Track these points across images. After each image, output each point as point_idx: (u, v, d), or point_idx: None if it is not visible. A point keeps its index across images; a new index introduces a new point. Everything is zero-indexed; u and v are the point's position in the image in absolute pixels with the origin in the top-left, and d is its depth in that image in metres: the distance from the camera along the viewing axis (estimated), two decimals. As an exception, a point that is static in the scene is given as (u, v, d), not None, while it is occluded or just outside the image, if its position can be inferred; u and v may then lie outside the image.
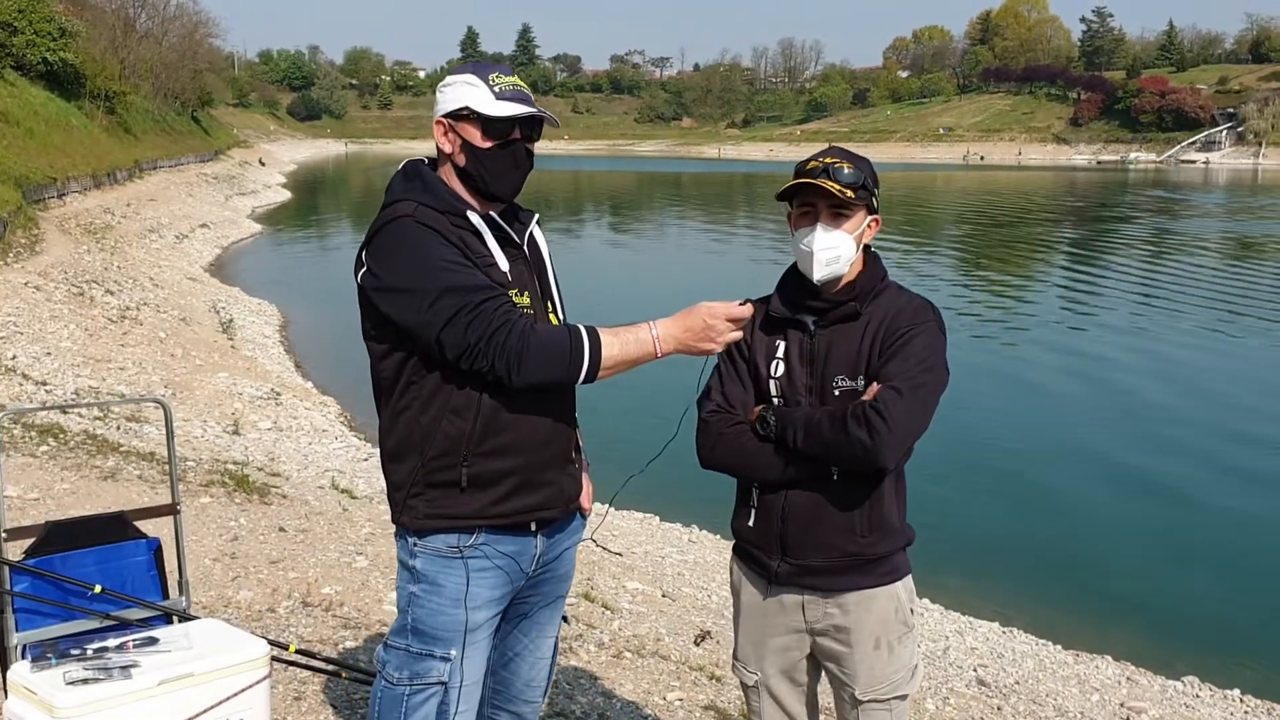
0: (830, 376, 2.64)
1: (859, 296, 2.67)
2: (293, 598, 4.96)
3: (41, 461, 7.31)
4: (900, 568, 2.75)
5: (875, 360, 2.61)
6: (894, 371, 2.56)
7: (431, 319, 2.38)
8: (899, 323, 2.62)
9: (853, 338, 2.64)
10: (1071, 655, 6.90)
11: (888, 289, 2.70)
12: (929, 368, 2.58)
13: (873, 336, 2.63)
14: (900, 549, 2.75)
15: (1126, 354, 16.57)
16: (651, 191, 64.47)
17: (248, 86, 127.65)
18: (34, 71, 32.91)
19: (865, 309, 2.66)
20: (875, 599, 2.70)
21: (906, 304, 2.67)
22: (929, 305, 2.69)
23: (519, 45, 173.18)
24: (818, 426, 2.56)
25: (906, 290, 2.73)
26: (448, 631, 2.54)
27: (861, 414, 2.51)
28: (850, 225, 2.64)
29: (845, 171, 2.60)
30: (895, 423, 2.49)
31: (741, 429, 2.69)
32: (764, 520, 2.72)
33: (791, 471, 2.63)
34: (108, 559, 2.94)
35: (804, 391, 2.66)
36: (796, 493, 2.66)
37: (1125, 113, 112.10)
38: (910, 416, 2.53)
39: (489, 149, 2.52)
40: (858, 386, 2.61)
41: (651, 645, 5.37)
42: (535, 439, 2.53)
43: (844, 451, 2.54)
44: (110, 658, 2.51)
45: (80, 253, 19.11)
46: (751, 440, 2.67)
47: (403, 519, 2.56)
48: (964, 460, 11.20)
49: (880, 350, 2.61)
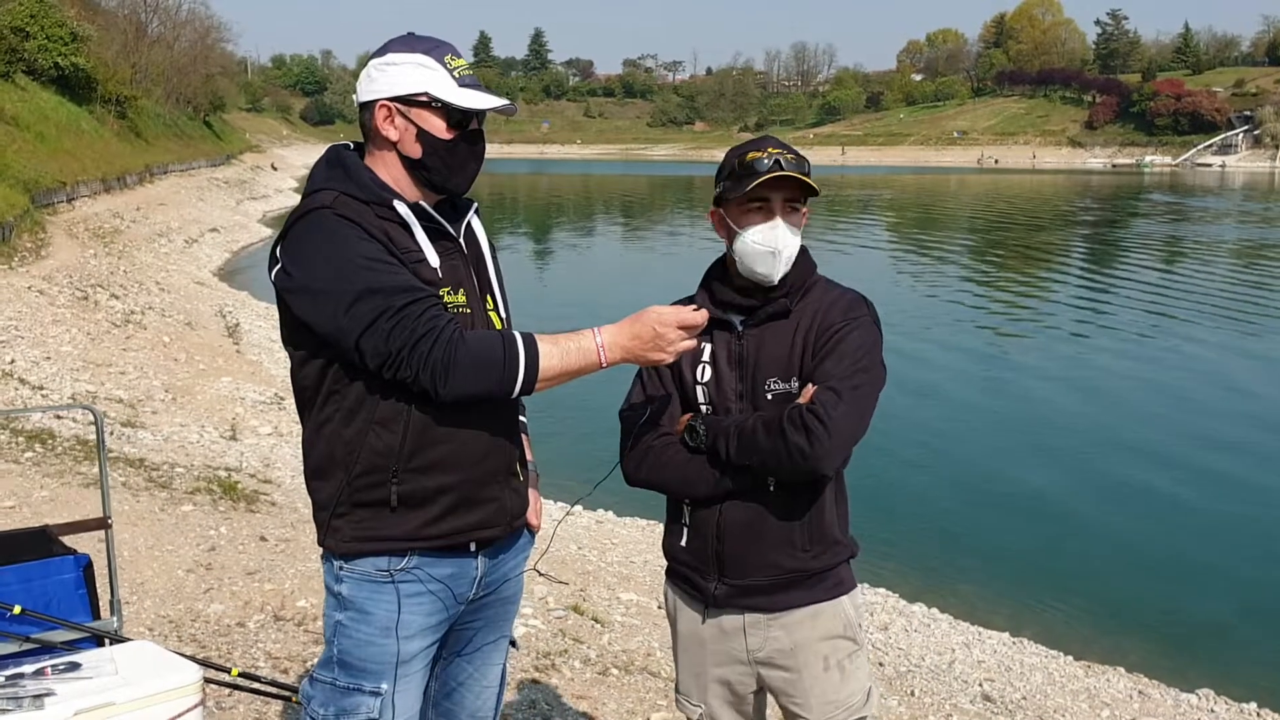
0: (761, 379, 2.45)
1: (789, 293, 2.48)
2: (265, 611, 4.78)
3: (25, 468, 7.16)
4: (845, 581, 2.56)
5: (808, 360, 2.41)
6: (830, 371, 2.37)
7: (348, 325, 2.17)
8: (831, 318, 2.43)
9: (783, 337, 2.45)
10: (1082, 667, 6.68)
11: (817, 284, 2.52)
12: (865, 367, 2.39)
13: (804, 335, 2.44)
14: (844, 561, 2.56)
15: (1141, 362, 16.29)
16: (663, 195, 64.32)
17: (260, 91, 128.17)
18: (45, 76, 32.94)
19: (795, 305, 2.47)
20: (820, 615, 2.51)
21: (838, 299, 2.48)
22: (862, 300, 2.50)
23: (531, 49, 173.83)
24: (752, 435, 2.37)
25: (837, 285, 2.54)
26: (377, 663, 2.32)
27: (799, 419, 2.32)
28: (802, 220, 2.48)
29: (805, 165, 2.43)
30: (835, 427, 2.30)
31: (669, 441, 2.50)
32: (698, 539, 2.52)
33: (725, 484, 2.44)
34: (30, 576, 2.74)
35: (734, 397, 2.47)
36: (731, 507, 2.46)
37: (1140, 116, 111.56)
38: (850, 419, 2.33)
39: (451, 140, 2.33)
40: (792, 389, 2.42)
41: (641, 661, 5.16)
42: (473, 453, 2.32)
43: (782, 460, 2.34)
44: (24, 685, 2.32)
45: (86, 257, 19.03)
46: (680, 453, 2.47)
47: (328, 542, 2.34)
48: (976, 469, 11.03)
49: (814, 349, 2.41)
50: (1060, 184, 74.11)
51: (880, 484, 9.76)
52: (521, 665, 4.66)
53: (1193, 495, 10.29)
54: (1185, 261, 29.88)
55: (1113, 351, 17.12)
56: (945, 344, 17.40)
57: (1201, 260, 29.80)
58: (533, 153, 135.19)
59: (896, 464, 10.52)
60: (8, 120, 25.46)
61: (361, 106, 2.37)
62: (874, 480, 9.57)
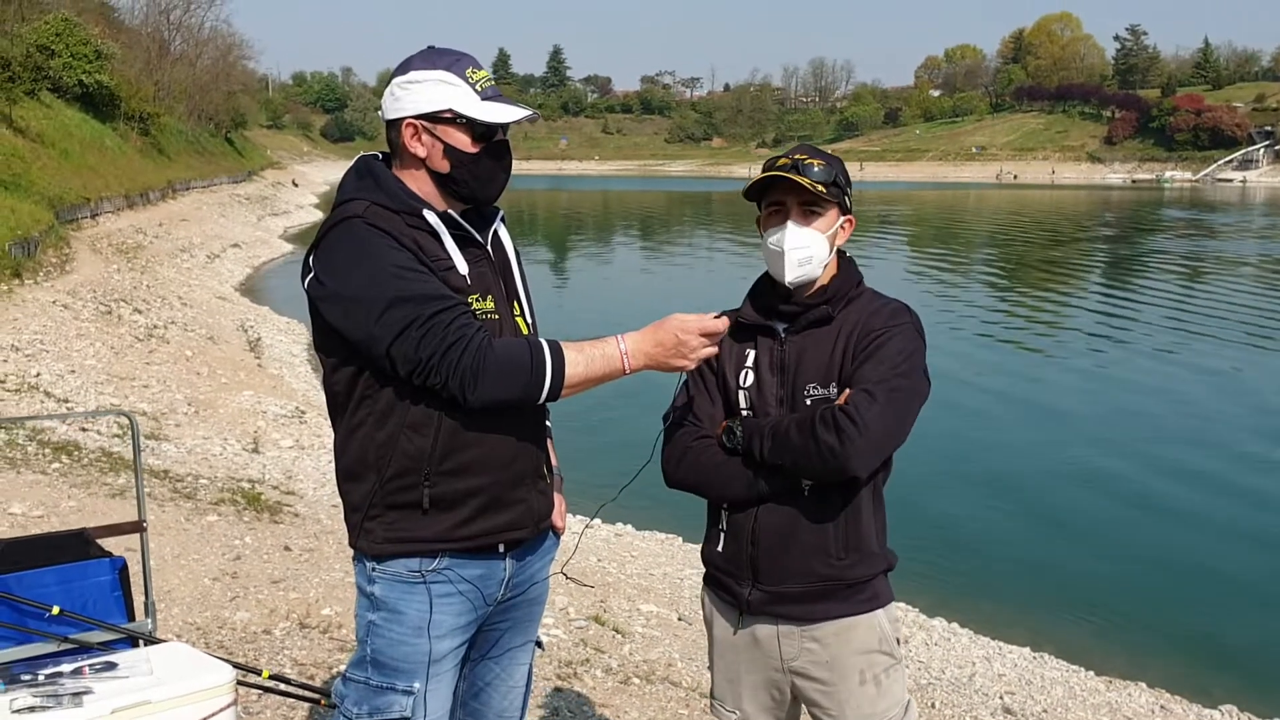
0: (801, 385, 2.47)
1: (831, 300, 2.51)
2: (291, 619, 4.82)
3: (52, 479, 7.24)
4: (882, 594, 2.57)
5: (848, 366, 2.44)
6: (867, 375, 2.39)
7: (380, 332, 2.21)
8: (873, 325, 2.45)
9: (825, 344, 2.48)
10: (1104, 682, 6.65)
11: (862, 294, 2.55)
12: (904, 372, 2.41)
13: (845, 341, 2.46)
14: (880, 573, 2.57)
15: (1163, 378, 16.19)
16: (682, 211, 64.42)
17: (281, 108, 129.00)
18: (70, 93, 33.33)
19: (838, 314, 2.50)
20: (855, 628, 2.51)
21: (882, 307, 2.51)
22: (906, 308, 2.52)
23: (550, 67, 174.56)
24: (785, 433, 2.40)
25: (882, 295, 2.56)
26: (409, 663, 2.36)
27: (830, 418, 2.34)
28: (822, 224, 2.49)
29: (816, 168, 2.46)
30: (866, 427, 2.32)
31: (708, 443, 2.53)
32: (733, 543, 2.54)
33: (760, 486, 2.46)
34: (69, 579, 2.80)
35: (774, 402, 2.50)
36: (766, 511, 2.48)
37: (1160, 131, 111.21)
38: (883, 420, 2.35)
39: (477, 153, 2.37)
40: (830, 394, 2.44)
41: (662, 671, 5.18)
42: (502, 456, 2.36)
43: (812, 459, 2.36)
44: (63, 684, 2.37)
45: (110, 272, 19.21)
46: (717, 454, 2.50)
47: (360, 544, 2.39)
48: (997, 482, 10.98)
49: (854, 355, 2.44)
50: (1080, 199, 73.84)
51: (901, 496, 9.67)
52: (544, 674, 4.69)
53: (1215, 510, 10.22)
54: (1210, 277, 29.69)
55: (1134, 367, 17.03)
56: (967, 357, 17.34)
57: (1227, 276, 29.59)
58: (551, 169, 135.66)
59: (917, 476, 10.47)
60: (33, 137, 25.77)
61: (388, 124, 2.41)
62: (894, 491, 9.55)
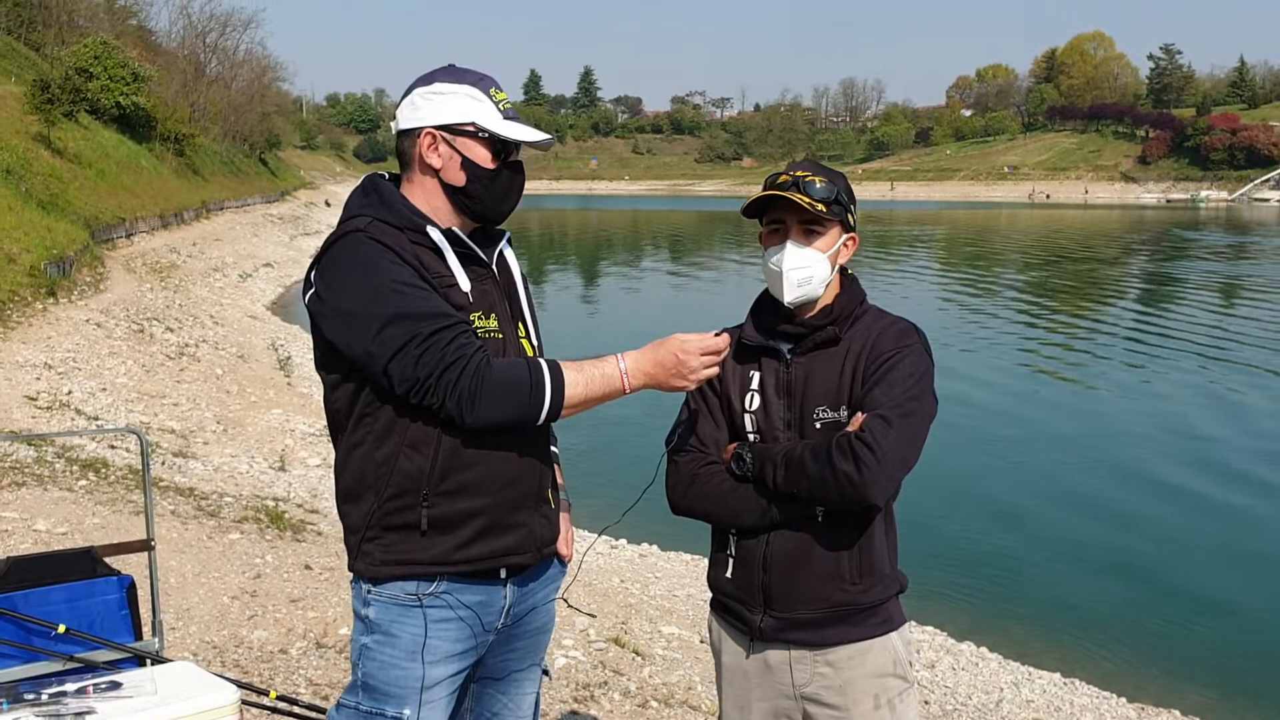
0: (810, 408, 2.41)
1: (837, 320, 2.45)
2: (308, 638, 4.80)
3: (78, 496, 7.28)
4: (895, 617, 2.50)
5: (858, 388, 2.38)
6: (880, 399, 2.33)
7: (378, 349, 2.18)
8: (882, 346, 2.39)
9: (832, 365, 2.42)
10: (1136, 709, 6.51)
11: (867, 312, 2.49)
12: (916, 395, 2.35)
13: (854, 363, 2.40)
14: (893, 596, 2.50)
15: (1195, 405, 15.90)
16: (711, 230, 64.45)
17: (315, 129, 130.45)
18: (107, 115, 33.85)
19: (845, 334, 2.44)
20: (869, 652, 2.45)
21: (889, 326, 2.45)
22: (914, 328, 2.47)
23: (580, 87, 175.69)
24: (800, 461, 2.33)
25: (888, 313, 2.51)
26: (400, 688, 2.31)
27: (847, 445, 2.28)
28: (823, 243, 2.44)
29: (816, 185, 2.40)
30: (884, 454, 2.26)
31: (715, 469, 2.46)
32: (744, 570, 2.48)
33: (773, 513, 2.39)
34: (75, 597, 2.78)
35: (782, 425, 2.44)
36: (778, 537, 2.42)
37: (1195, 150, 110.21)
38: (900, 447, 2.29)
39: (495, 169, 2.36)
40: (841, 418, 2.38)
41: (681, 694, 5.11)
42: (502, 476, 2.31)
43: (829, 488, 2.29)
44: (67, 703, 2.35)
45: (143, 291, 19.42)
46: (727, 481, 2.44)
47: (357, 566, 2.36)
48: (1028, 505, 10.81)
49: (863, 377, 2.38)
50: (1114, 219, 73.25)
51: (929, 519, 9.63)
52: (560, 696, 4.64)
53: (1255, 539, 10.02)
54: (1246, 298, 29.30)
55: (1165, 395, 16.70)
56: (997, 379, 17.19)
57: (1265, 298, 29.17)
58: (581, 189, 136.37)
59: (946, 499, 10.37)
60: (71, 158, 26.16)
61: (402, 134, 2.39)
62: (923, 515, 9.44)
